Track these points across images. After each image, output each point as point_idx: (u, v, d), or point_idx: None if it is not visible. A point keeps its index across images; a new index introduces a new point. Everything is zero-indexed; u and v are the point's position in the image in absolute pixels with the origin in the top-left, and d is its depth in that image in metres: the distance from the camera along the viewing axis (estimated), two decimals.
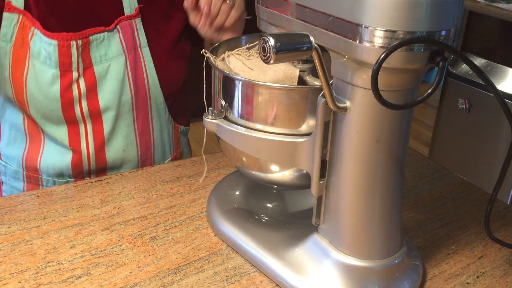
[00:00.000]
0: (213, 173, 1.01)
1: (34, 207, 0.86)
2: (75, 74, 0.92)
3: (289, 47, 0.57)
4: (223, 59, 0.76)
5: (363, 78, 0.60)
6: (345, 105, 0.63)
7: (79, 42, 0.91)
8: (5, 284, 0.69)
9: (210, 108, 0.75)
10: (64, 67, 0.91)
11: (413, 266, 0.74)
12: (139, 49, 0.97)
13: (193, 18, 0.94)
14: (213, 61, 0.75)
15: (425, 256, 0.79)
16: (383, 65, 0.55)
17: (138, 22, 0.96)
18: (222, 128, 0.74)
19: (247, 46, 0.78)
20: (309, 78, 0.76)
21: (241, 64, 0.73)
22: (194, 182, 0.97)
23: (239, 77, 0.70)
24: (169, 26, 1.01)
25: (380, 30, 0.56)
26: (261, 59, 0.57)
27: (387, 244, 0.70)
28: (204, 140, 0.86)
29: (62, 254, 0.75)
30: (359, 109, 0.62)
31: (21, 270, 0.72)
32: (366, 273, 0.69)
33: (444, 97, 2.46)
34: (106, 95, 0.96)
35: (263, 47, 0.56)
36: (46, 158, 1.01)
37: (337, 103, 0.63)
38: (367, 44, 0.57)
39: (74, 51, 0.91)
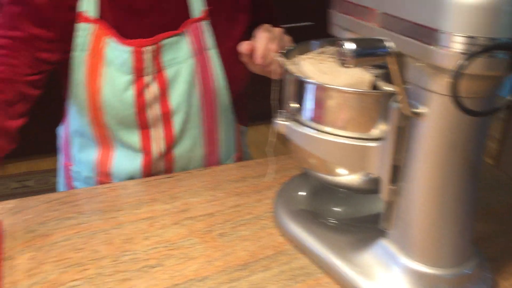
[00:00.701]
0: (278, 175, 1.02)
1: (111, 199, 0.90)
2: (148, 79, 0.96)
3: (367, 51, 0.58)
4: (295, 63, 0.77)
5: (440, 84, 0.60)
6: (420, 110, 0.63)
7: (150, 47, 0.94)
8: (85, 269, 0.73)
9: (281, 110, 0.77)
10: (138, 73, 0.95)
11: (484, 278, 0.72)
12: (206, 51, 1.00)
13: (246, 59, 0.96)
14: (285, 64, 0.76)
15: (496, 268, 0.77)
16: (463, 71, 0.55)
17: (205, 25, 0.98)
18: (293, 130, 0.75)
19: (320, 50, 0.80)
20: (381, 83, 0.76)
21: (314, 68, 0.75)
22: (259, 182, 0.99)
23: (312, 81, 0.72)
24: (234, 27, 1.03)
25: (459, 35, 0.55)
26: (338, 62, 0.58)
27: (457, 252, 0.69)
28: (272, 139, 0.87)
29: (137, 244, 0.79)
30: (436, 115, 0.62)
31: (100, 258, 0.76)
32: (435, 280, 0.68)
33: None
34: (176, 97, 0.99)
35: (341, 51, 0.58)
36: (117, 163, 1.05)
37: (412, 108, 0.63)
38: (445, 50, 0.57)
39: (147, 56, 0.94)
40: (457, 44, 0.56)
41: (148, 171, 1.05)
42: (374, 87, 0.78)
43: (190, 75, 0.98)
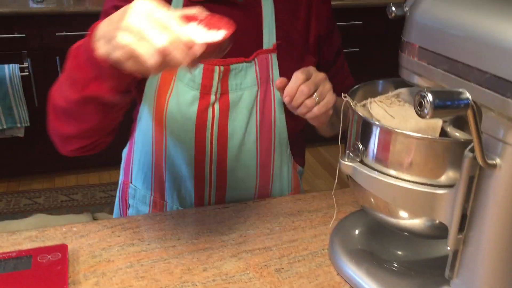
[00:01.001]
0: (333, 210, 1.02)
1: (170, 227, 0.92)
2: (212, 98, 0.98)
3: (447, 103, 0.57)
4: (364, 105, 0.78)
5: None
6: (494, 162, 0.62)
7: (221, 68, 0.97)
8: None
9: (347, 151, 0.77)
10: (205, 90, 0.97)
11: None
12: (271, 82, 1.01)
13: (281, 95, 0.96)
14: (353, 106, 0.77)
15: None
16: None
17: (273, 57, 1.01)
18: (358, 171, 0.75)
19: (389, 94, 0.80)
20: (449, 129, 0.76)
21: (382, 111, 0.75)
22: (315, 217, 0.99)
23: (381, 124, 0.72)
24: (301, 66, 1.04)
25: None
26: (416, 113, 0.58)
27: None
28: (335, 181, 0.88)
29: (196, 275, 0.81)
30: (510, 167, 0.61)
31: (161, 287, 0.77)
32: None
33: None
34: (235, 122, 1.01)
35: (420, 101, 0.58)
36: (171, 183, 1.07)
37: (486, 159, 0.62)
38: None
39: (216, 76, 0.97)
40: None
41: (200, 195, 1.06)
42: (443, 132, 0.78)
43: (251, 102, 1.00)
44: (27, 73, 2.40)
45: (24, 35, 2.38)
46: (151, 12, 0.65)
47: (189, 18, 0.70)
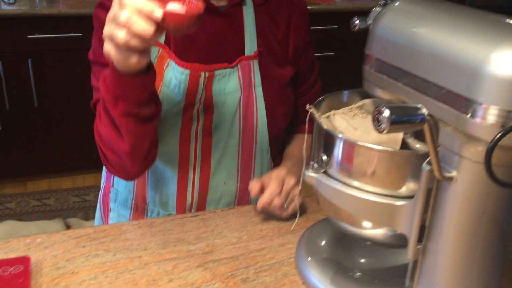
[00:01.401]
0: (301, 219, 1.03)
1: (136, 237, 0.92)
2: (197, 103, 1.00)
3: (403, 119, 0.59)
4: (327, 117, 0.79)
5: (472, 152, 0.61)
6: (451, 175, 0.64)
7: (207, 74, 0.99)
8: None
9: (311, 163, 0.78)
10: (190, 96, 0.99)
11: None
12: (253, 88, 1.04)
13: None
14: (317, 117, 0.78)
15: None
16: (498, 143, 0.56)
17: (255, 64, 1.04)
18: (321, 183, 0.76)
19: (352, 106, 0.81)
20: (410, 140, 0.77)
21: (345, 123, 0.76)
22: (283, 226, 1.00)
23: (343, 136, 0.73)
24: (281, 73, 1.08)
25: (495, 108, 0.56)
26: (374, 128, 0.59)
27: None
28: (299, 187, 0.89)
29: (161, 286, 0.80)
30: (466, 181, 0.63)
31: None
32: None
33: None
34: (218, 125, 1.03)
35: (377, 117, 0.59)
36: (153, 187, 1.08)
37: (443, 172, 0.64)
38: (479, 120, 0.58)
39: (201, 81, 0.99)
40: (493, 116, 0.57)
41: (182, 200, 1.07)
42: (404, 143, 0.79)
43: (235, 107, 1.03)
44: None
45: None
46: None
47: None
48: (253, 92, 1.04)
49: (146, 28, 0.68)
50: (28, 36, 2.38)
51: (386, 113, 0.58)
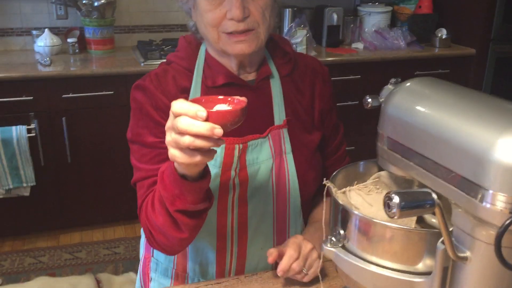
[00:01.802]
0: (324, 284, 1.04)
1: None
2: (232, 173, 1.04)
3: (413, 204, 0.61)
4: (344, 192, 0.81)
5: (484, 234, 0.62)
6: (465, 255, 0.65)
7: (241, 146, 1.03)
8: None
9: (329, 237, 0.80)
10: (226, 167, 1.03)
11: None
12: (284, 155, 1.08)
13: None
14: (334, 193, 0.80)
15: None
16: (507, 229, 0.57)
17: (285, 132, 1.08)
18: (340, 257, 0.78)
19: (368, 182, 0.83)
20: (427, 216, 0.79)
21: (361, 199, 0.78)
22: None
23: (360, 214, 0.75)
24: (309, 139, 1.12)
25: (503, 195, 0.58)
26: (386, 213, 0.62)
27: None
28: (321, 260, 0.90)
29: None
30: (480, 262, 0.64)
31: None
32: None
33: None
34: (253, 194, 1.06)
35: (388, 203, 0.61)
36: (194, 256, 1.10)
37: (457, 252, 0.65)
38: (488, 205, 0.59)
39: (236, 153, 1.03)
40: (501, 202, 0.58)
41: (222, 266, 1.09)
42: (421, 218, 0.81)
43: (268, 174, 1.06)
44: (33, 134, 2.47)
45: (31, 97, 2.47)
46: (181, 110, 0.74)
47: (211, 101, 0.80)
48: (284, 159, 1.08)
49: (201, 127, 0.73)
50: (63, 96, 2.50)
51: (396, 199, 0.60)
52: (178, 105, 0.74)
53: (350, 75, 2.96)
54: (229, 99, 0.80)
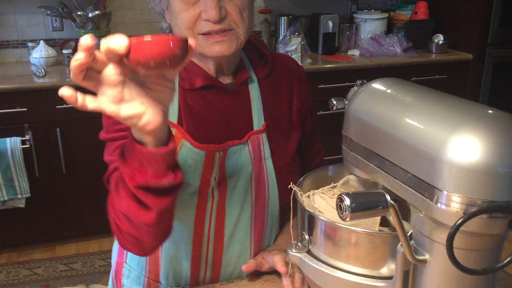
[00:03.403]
0: None
1: None
2: (212, 181, 1.01)
3: (365, 206, 0.59)
4: (308, 196, 0.80)
5: (442, 237, 0.60)
6: (424, 257, 0.63)
7: (221, 153, 1.00)
8: None
9: (294, 242, 0.79)
10: (206, 176, 0.99)
11: None
12: (263, 161, 1.06)
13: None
14: (299, 197, 0.79)
15: None
16: (461, 228, 0.55)
17: (264, 137, 1.06)
18: (304, 262, 0.76)
19: (331, 185, 0.82)
20: (392, 218, 0.77)
21: (325, 203, 0.77)
22: None
23: (322, 217, 0.74)
24: (288, 143, 1.10)
25: (457, 196, 0.56)
26: (338, 216, 0.60)
27: None
28: (289, 267, 0.89)
29: None
30: (439, 264, 0.62)
31: None
32: None
33: None
34: (232, 201, 1.04)
35: (340, 205, 0.60)
36: (167, 264, 1.07)
37: (416, 255, 0.63)
38: (443, 207, 0.58)
39: (216, 160, 1.00)
40: (455, 203, 0.57)
41: (196, 274, 1.07)
42: (386, 221, 0.79)
43: (247, 181, 1.04)
44: (28, 146, 2.48)
45: (26, 109, 2.48)
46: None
47: None
48: (264, 165, 1.05)
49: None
50: (57, 107, 2.51)
51: (347, 201, 0.59)
52: (104, 40, 0.62)
53: (346, 82, 2.95)
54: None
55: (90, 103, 0.65)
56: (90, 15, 2.76)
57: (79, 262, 2.61)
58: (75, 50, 2.84)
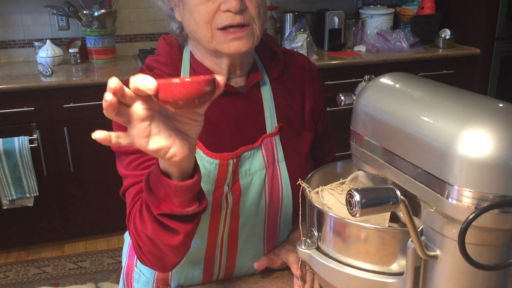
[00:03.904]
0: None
1: None
2: (225, 189, 0.98)
3: (375, 202, 0.59)
4: (317, 192, 0.79)
5: (453, 232, 0.60)
6: (435, 253, 0.63)
7: (234, 160, 0.98)
8: None
9: (303, 238, 0.78)
10: (219, 183, 0.97)
11: None
12: (277, 163, 1.04)
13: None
14: (307, 193, 0.79)
15: None
16: (473, 223, 0.55)
17: (277, 139, 1.04)
18: (314, 259, 0.76)
19: (340, 181, 0.82)
20: (402, 214, 0.76)
21: (334, 199, 0.76)
22: None
23: (331, 213, 0.73)
24: (301, 144, 1.08)
25: (468, 190, 0.56)
26: (348, 212, 0.60)
27: None
28: (299, 262, 0.88)
29: None
30: (450, 260, 0.62)
31: None
32: None
33: None
34: (246, 206, 1.02)
35: (349, 201, 0.59)
36: (179, 269, 1.06)
37: (427, 251, 0.63)
38: (454, 202, 0.57)
39: (230, 168, 0.97)
40: (467, 198, 0.56)
41: (209, 278, 1.06)
42: (396, 217, 0.79)
43: (261, 185, 1.02)
44: (36, 145, 2.49)
45: (33, 108, 2.49)
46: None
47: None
48: (277, 167, 1.04)
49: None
50: (64, 106, 2.51)
51: (357, 197, 0.58)
52: (133, 79, 0.63)
53: (352, 78, 2.93)
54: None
55: (123, 140, 0.66)
56: (96, 14, 2.76)
57: (88, 260, 2.62)
58: (81, 49, 2.85)
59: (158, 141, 0.67)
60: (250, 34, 0.93)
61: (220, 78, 0.66)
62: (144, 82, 0.61)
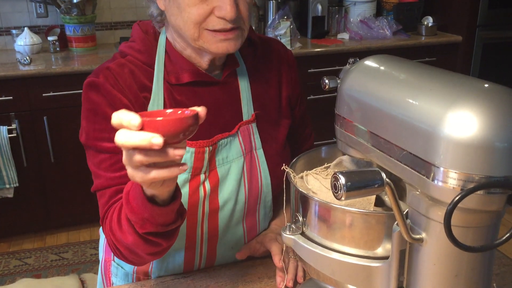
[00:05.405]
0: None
1: None
2: (202, 177, 0.97)
3: (360, 184, 0.58)
4: (302, 177, 0.78)
5: (439, 214, 0.59)
6: (420, 236, 0.62)
7: (211, 148, 0.97)
8: None
9: (288, 224, 0.77)
10: (196, 172, 0.96)
11: None
12: (254, 151, 1.03)
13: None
14: (292, 178, 0.78)
15: None
16: (459, 205, 0.54)
17: (254, 127, 1.03)
18: (299, 244, 0.75)
19: (325, 166, 0.81)
20: (387, 198, 0.76)
21: (318, 184, 0.76)
22: (274, 283, 0.98)
23: (316, 198, 0.72)
24: (278, 131, 1.08)
25: (454, 172, 0.55)
26: (333, 195, 0.59)
27: None
28: (284, 247, 0.87)
29: None
30: (436, 243, 0.61)
31: None
32: None
33: None
34: (225, 194, 1.01)
35: (335, 184, 0.58)
36: (159, 260, 1.04)
37: (412, 234, 0.62)
38: (440, 183, 0.57)
39: (206, 156, 0.97)
40: (452, 180, 0.56)
41: (190, 267, 1.05)
42: (381, 201, 0.78)
43: (239, 173, 1.01)
44: (15, 135, 2.44)
45: (11, 97, 2.43)
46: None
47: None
48: (255, 155, 1.03)
49: (137, 137, 0.63)
50: (43, 95, 2.46)
51: (342, 180, 0.57)
52: (115, 115, 0.65)
53: (336, 65, 2.92)
54: (179, 111, 0.69)
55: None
56: (75, 0, 2.71)
57: (70, 252, 2.59)
58: (60, 37, 2.79)
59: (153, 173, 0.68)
60: (239, 36, 0.92)
61: (201, 110, 0.68)
62: (128, 118, 0.63)
